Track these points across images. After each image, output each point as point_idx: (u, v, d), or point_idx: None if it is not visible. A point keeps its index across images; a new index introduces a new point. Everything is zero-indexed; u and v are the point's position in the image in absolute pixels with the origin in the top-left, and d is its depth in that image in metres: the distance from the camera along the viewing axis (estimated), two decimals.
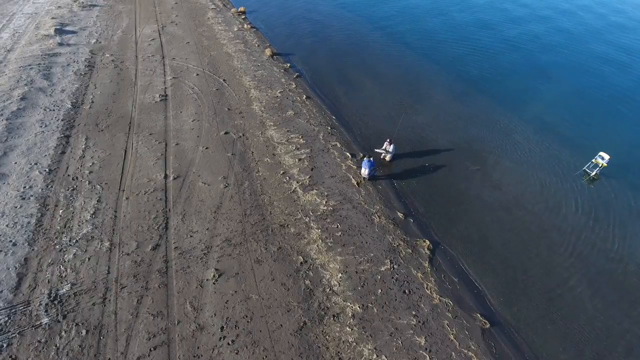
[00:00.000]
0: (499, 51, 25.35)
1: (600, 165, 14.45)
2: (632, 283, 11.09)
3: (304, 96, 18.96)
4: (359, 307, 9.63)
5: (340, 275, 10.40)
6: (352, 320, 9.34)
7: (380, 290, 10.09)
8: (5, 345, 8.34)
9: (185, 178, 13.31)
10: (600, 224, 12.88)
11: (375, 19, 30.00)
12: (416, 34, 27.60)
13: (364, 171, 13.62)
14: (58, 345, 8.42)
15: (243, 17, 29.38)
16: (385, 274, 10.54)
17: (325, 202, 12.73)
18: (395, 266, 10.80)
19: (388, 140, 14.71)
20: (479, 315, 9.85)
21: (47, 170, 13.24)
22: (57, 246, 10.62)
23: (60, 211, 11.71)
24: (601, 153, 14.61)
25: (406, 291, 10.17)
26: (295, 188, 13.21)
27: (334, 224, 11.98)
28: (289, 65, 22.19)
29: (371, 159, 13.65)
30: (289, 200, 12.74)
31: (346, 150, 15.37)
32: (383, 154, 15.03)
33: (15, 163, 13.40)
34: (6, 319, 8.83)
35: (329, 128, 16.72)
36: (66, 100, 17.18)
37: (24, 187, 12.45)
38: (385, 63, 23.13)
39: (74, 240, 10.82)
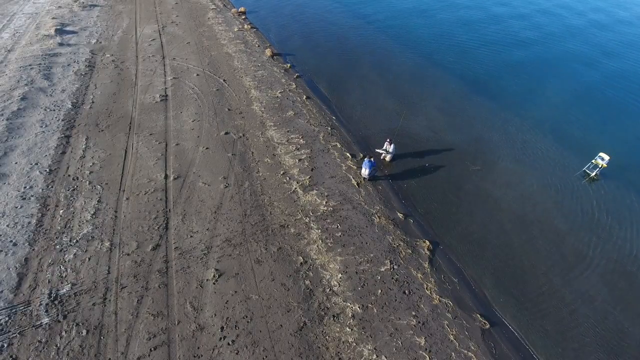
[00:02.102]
0: (499, 51, 25.36)
1: (600, 166, 14.46)
2: (632, 284, 11.09)
3: (304, 96, 18.98)
4: (358, 307, 9.64)
5: (340, 275, 10.41)
6: (352, 320, 9.35)
7: (380, 291, 10.10)
8: (5, 345, 8.35)
9: (186, 178, 13.32)
10: (600, 224, 12.88)
11: (376, 20, 30.01)
12: (417, 34, 27.62)
13: (364, 171, 13.61)
14: (58, 345, 8.43)
15: (243, 17, 29.40)
16: (385, 275, 10.55)
17: (326, 202, 12.74)
18: (395, 266, 10.81)
19: (388, 140, 14.73)
20: (478, 316, 9.86)
21: (47, 170, 13.25)
22: (58, 246, 10.64)
23: (61, 211, 11.72)
24: (601, 154, 14.62)
25: (406, 291, 10.18)
26: (296, 188, 13.22)
27: (334, 224, 11.99)
28: (289, 65, 22.21)
29: (372, 159, 13.66)
30: (289, 200, 12.75)
31: (346, 151, 15.38)
32: (383, 154, 15.04)
33: (16, 163, 13.41)
34: (7, 318, 8.84)
35: (329, 128, 16.74)
36: (66, 100, 17.20)
37: (25, 187, 12.47)
38: (386, 63, 23.14)
39: (75, 241, 10.83)
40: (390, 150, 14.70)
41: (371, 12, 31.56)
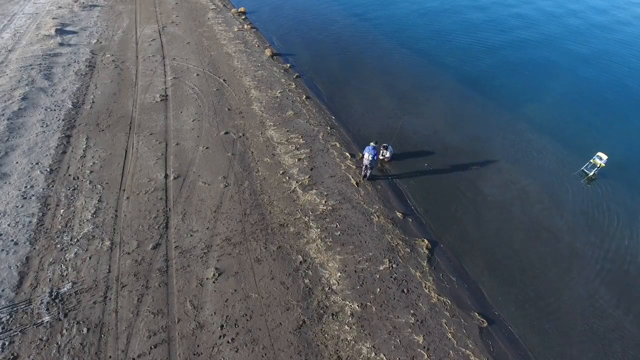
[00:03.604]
0: (499, 51, 25.42)
1: (598, 166, 14.52)
2: (630, 283, 11.15)
3: (304, 96, 19.04)
4: (357, 305, 9.71)
5: (339, 274, 10.47)
6: (350, 318, 9.41)
7: (379, 289, 10.16)
8: (7, 343, 8.41)
9: (186, 178, 13.38)
10: (598, 224, 12.94)
11: (376, 20, 30.07)
12: (416, 34, 27.68)
13: (367, 156, 13.01)
14: (59, 343, 8.49)
15: (243, 17, 29.46)
16: (384, 273, 10.62)
17: (325, 201, 12.80)
18: (394, 265, 10.87)
19: (383, 145, 14.73)
20: (476, 314, 9.92)
21: (48, 170, 13.31)
22: (58, 245, 10.70)
23: (62, 210, 11.79)
24: (599, 153, 14.67)
25: (405, 290, 10.24)
26: (295, 188, 13.29)
27: (333, 223, 12.05)
28: (289, 65, 22.26)
29: (376, 144, 13.20)
30: (289, 199, 12.81)
31: (345, 151, 15.45)
32: (381, 157, 15.08)
33: (17, 163, 13.47)
34: (8, 317, 8.91)
35: (329, 128, 16.80)
36: (67, 100, 17.26)
37: (26, 186, 12.53)
38: (386, 63, 23.20)
39: (75, 240, 10.89)
40: (387, 155, 14.76)
41: (371, 12, 31.60)
